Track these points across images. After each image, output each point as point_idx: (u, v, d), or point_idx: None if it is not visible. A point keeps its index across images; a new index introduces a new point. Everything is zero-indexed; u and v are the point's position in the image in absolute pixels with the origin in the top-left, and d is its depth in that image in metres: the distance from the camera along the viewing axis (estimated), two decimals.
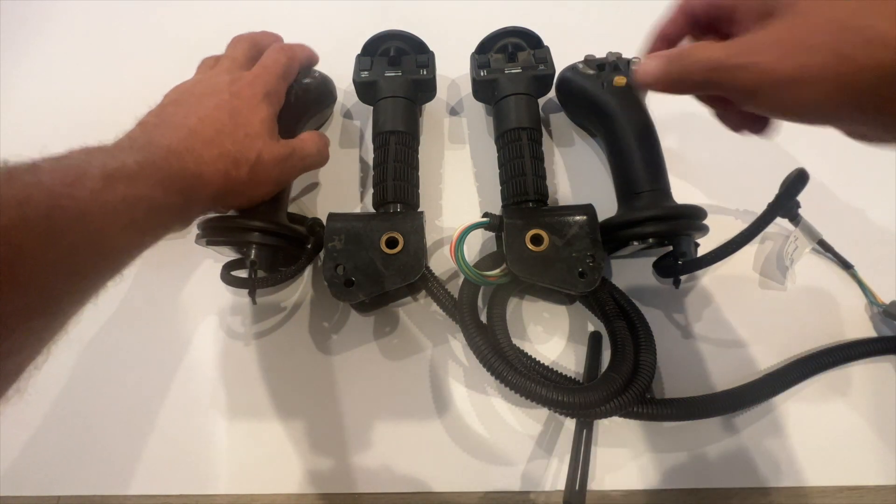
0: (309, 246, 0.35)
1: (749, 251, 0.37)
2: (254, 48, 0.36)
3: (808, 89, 0.20)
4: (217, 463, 0.33)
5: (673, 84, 0.25)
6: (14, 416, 0.34)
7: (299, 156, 0.33)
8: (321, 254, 0.36)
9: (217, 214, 0.33)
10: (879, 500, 0.31)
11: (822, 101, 0.20)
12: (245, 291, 0.34)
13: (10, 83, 0.47)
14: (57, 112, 0.45)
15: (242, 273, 0.33)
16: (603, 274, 0.32)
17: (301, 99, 0.37)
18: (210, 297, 0.37)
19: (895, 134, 0.21)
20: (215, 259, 0.38)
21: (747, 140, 0.29)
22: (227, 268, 0.33)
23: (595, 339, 0.34)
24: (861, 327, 0.36)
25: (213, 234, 0.32)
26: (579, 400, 0.28)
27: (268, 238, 0.32)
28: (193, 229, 0.32)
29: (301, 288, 0.37)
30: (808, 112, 0.21)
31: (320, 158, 0.36)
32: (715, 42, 0.23)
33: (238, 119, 0.30)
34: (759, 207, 0.32)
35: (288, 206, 0.38)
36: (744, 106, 0.23)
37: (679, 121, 0.42)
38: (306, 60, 0.39)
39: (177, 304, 0.37)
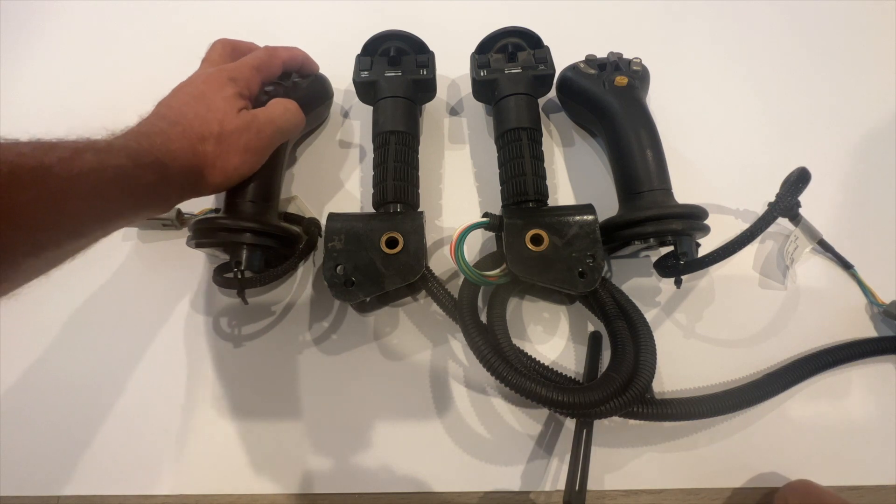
0: (301, 246, 0.35)
1: (749, 251, 0.37)
2: (227, 48, 0.37)
3: None
4: (218, 463, 0.33)
5: None
6: (14, 416, 0.34)
7: (264, 119, 0.33)
8: (320, 253, 0.36)
9: (206, 216, 0.33)
10: (879, 500, 0.31)
11: None
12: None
13: (10, 83, 0.47)
14: (57, 112, 0.45)
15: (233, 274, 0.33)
16: (603, 274, 0.32)
17: (291, 97, 0.37)
18: (211, 298, 0.37)
19: None
20: (213, 260, 0.38)
21: (748, 140, 0.29)
22: (220, 270, 0.33)
23: (595, 339, 0.34)
24: (861, 327, 0.36)
25: (201, 237, 0.32)
26: (579, 400, 0.28)
27: (254, 238, 0.32)
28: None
29: (300, 288, 0.37)
30: None
31: (288, 118, 0.35)
32: None
33: (203, 99, 0.32)
34: (760, 207, 0.32)
35: (286, 207, 0.38)
36: None
37: (680, 120, 0.42)
38: (291, 61, 0.39)
39: (177, 306, 0.37)
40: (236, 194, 0.33)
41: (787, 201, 0.33)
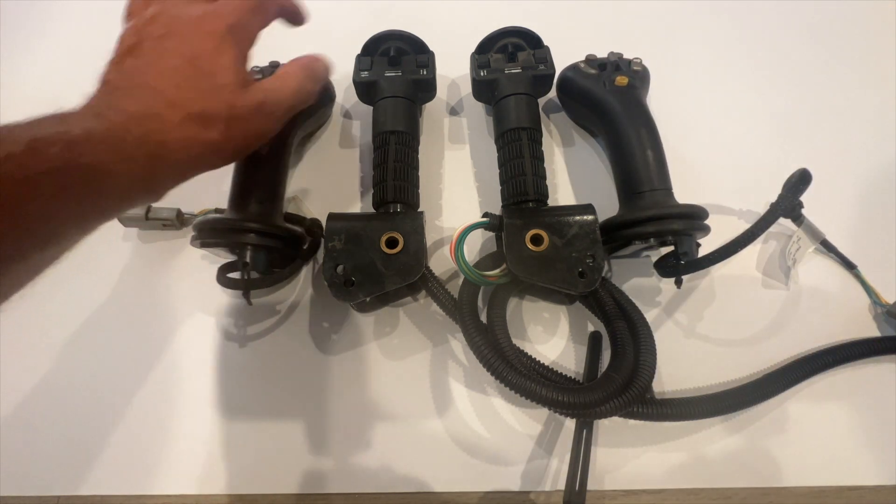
0: (305, 247, 0.35)
1: (751, 250, 0.37)
2: None
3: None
4: (217, 463, 0.33)
5: None
6: (14, 416, 0.34)
7: (274, 100, 0.29)
8: (320, 254, 0.36)
9: (211, 217, 0.33)
10: (879, 500, 0.31)
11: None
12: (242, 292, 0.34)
13: (10, 83, 0.47)
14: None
15: (238, 275, 0.33)
16: (603, 274, 0.32)
17: None
18: (210, 298, 0.37)
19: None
20: (212, 261, 0.38)
21: (748, 140, 0.30)
22: (224, 270, 0.33)
23: (595, 339, 0.34)
24: (864, 327, 0.36)
25: (207, 236, 0.32)
26: (579, 400, 0.28)
27: (261, 239, 0.32)
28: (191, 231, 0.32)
29: (300, 288, 0.37)
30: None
31: (302, 95, 0.31)
32: None
33: (201, 65, 0.26)
34: (761, 207, 0.32)
35: (287, 207, 0.38)
36: None
37: (680, 121, 0.42)
38: (283, 8, 0.32)
39: (178, 306, 0.37)
40: (242, 194, 0.33)
41: (788, 202, 0.33)
